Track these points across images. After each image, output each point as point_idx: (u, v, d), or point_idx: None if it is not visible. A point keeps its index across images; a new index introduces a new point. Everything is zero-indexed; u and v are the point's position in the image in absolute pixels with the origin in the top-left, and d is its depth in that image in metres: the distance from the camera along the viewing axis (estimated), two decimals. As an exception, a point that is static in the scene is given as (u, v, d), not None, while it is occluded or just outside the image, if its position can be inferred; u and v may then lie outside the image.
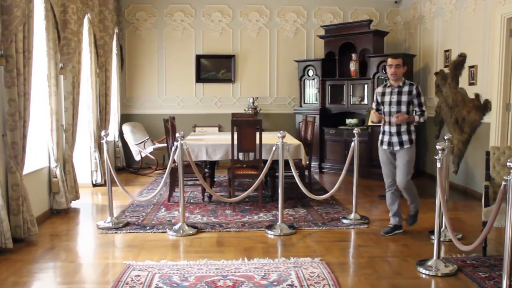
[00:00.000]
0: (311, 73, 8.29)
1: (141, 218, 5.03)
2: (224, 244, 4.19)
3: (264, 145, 5.33)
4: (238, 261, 3.70)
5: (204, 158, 5.56)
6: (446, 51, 6.94)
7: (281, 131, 4.66)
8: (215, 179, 6.86)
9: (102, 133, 4.94)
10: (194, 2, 8.51)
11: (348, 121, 8.01)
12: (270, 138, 5.63)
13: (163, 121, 6.09)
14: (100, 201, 5.96)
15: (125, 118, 8.45)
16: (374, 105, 4.63)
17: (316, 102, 8.28)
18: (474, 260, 3.76)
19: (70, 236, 4.51)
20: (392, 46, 8.52)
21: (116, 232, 4.54)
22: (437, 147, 3.55)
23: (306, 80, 8.42)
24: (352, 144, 5.02)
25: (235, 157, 5.35)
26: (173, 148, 4.63)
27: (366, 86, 7.76)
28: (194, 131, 8.30)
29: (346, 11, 8.72)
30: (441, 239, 3.93)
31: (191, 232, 4.48)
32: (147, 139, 8.05)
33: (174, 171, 5.41)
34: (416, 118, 4.37)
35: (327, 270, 3.51)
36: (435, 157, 3.57)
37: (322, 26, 8.37)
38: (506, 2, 5.41)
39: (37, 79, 4.86)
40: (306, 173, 6.05)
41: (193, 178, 5.79)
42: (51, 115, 5.03)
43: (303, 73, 8.39)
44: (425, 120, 4.51)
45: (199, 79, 8.64)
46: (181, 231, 4.48)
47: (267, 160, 4.75)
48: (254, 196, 5.67)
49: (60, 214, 5.19)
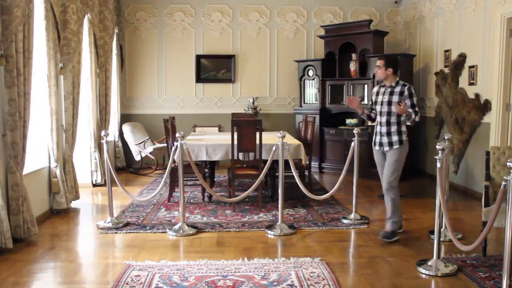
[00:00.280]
0: (311, 73, 8.29)
1: (141, 218, 5.03)
2: (224, 244, 4.19)
3: (264, 145, 5.33)
4: (238, 261, 3.70)
5: (204, 158, 5.56)
6: (446, 51, 6.94)
7: (281, 131, 4.66)
8: (215, 179, 6.86)
9: (102, 133, 4.94)
10: (194, 2, 8.51)
11: (348, 121, 8.01)
12: (270, 138, 5.63)
13: (163, 121, 6.09)
14: (100, 201, 5.96)
15: (125, 118, 8.45)
16: (369, 104, 4.63)
17: (316, 102, 8.28)
18: (474, 260, 3.76)
19: (70, 236, 4.51)
20: (392, 46, 8.52)
21: (116, 232, 4.54)
22: (437, 147, 3.55)
23: (306, 80, 8.42)
24: (352, 144, 5.02)
25: (235, 157, 5.35)
26: (173, 148, 4.63)
27: (366, 86, 7.75)
28: (194, 131, 8.30)
29: (346, 11, 8.71)
30: (441, 239, 3.93)
31: (191, 232, 4.48)
32: (147, 139, 8.05)
33: (174, 171, 5.41)
34: (413, 115, 4.27)
35: (327, 270, 3.51)
36: (435, 157, 3.57)
37: (322, 26, 8.37)
38: (506, 2, 5.41)
39: (37, 79, 4.86)
40: (306, 173, 6.05)
41: (193, 178, 5.79)
42: (51, 115, 5.03)
43: (303, 73, 8.38)
44: (419, 120, 4.41)
45: (199, 79, 8.64)
46: (181, 231, 4.48)
47: (267, 160, 4.76)
48: (254, 196, 5.67)
49: (60, 214, 5.19)
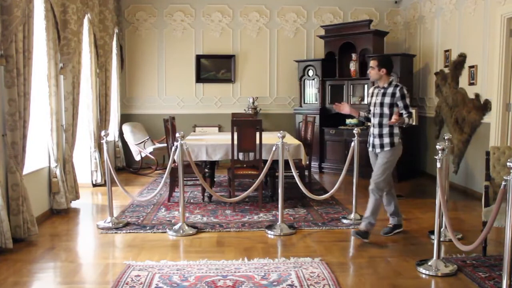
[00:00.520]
0: (311, 73, 8.29)
1: (141, 218, 5.03)
2: (224, 244, 4.19)
3: (264, 145, 5.33)
4: (238, 261, 3.70)
5: (204, 158, 5.56)
6: (446, 51, 6.94)
7: (281, 131, 4.67)
8: (215, 179, 6.86)
9: (102, 133, 4.94)
10: (194, 2, 8.51)
11: (348, 121, 8.00)
12: (270, 138, 5.64)
13: (163, 121, 6.09)
14: (100, 201, 5.96)
15: (125, 118, 8.45)
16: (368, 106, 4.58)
17: (316, 102, 8.28)
18: (474, 260, 3.76)
19: (70, 236, 4.51)
20: (392, 46, 8.52)
21: (116, 232, 4.54)
22: (437, 147, 3.56)
23: (306, 80, 8.42)
24: (352, 144, 5.03)
25: (235, 157, 5.35)
26: (173, 148, 4.63)
27: (366, 86, 7.75)
28: (194, 131, 8.30)
29: (346, 11, 8.71)
30: (441, 239, 3.93)
31: (191, 232, 4.48)
32: (147, 139, 8.05)
33: (174, 171, 5.41)
34: (406, 120, 4.21)
35: (327, 270, 3.51)
36: (435, 157, 3.57)
37: (322, 26, 8.37)
38: (506, 2, 5.41)
39: (37, 79, 4.86)
40: (306, 173, 6.04)
41: (193, 178, 5.79)
42: (51, 115, 5.03)
43: (303, 73, 8.38)
44: (418, 120, 4.40)
45: (199, 79, 8.64)
46: (181, 231, 4.48)
47: (267, 160, 4.76)
48: (254, 196, 5.67)
49: (60, 214, 5.19)
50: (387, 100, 4.24)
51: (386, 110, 4.24)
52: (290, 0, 8.63)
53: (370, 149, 4.44)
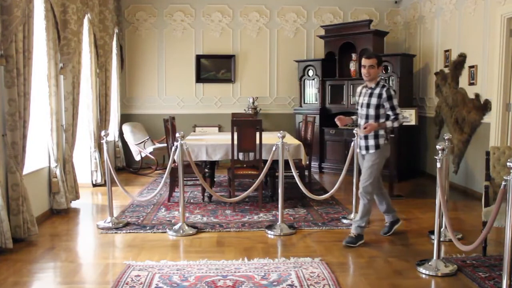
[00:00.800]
0: (311, 73, 8.29)
1: (141, 218, 5.03)
2: (224, 244, 4.19)
3: (264, 145, 5.33)
4: (238, 261, 3.70)
5: (204, 158, 5.56)
6: (446, 51, 6.94)
7: (281, 131, 4.67)
8: (215, 179, 6.86)
9: (102, 133, 4.95)
10: (194, 2, 8.51)
11: (348, 121, 7.99)
12: (270, 138, 5.63)
13: (163, 121, 6.09)
14: (100, 201, 5.96)
15: (125, 118, 8.45)
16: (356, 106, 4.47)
17: (316, 102, 8.28)
18: (474, 260, 3.76)
19: (70, 236, 4.51)
20: (392, 46, 8.52)
21: (116, 232, 4.54)
22: (437, 147, 3.56)
23: (306, 80, 8.42)
24: (352, 144, 5.02)
25: (235, 157, 5.35)
26: (173, 148, 4.63)
27: (366, 86, 7.74)
28: (194, 131, 8.30)
29: (346, 11, 8.71)
30: (441, 239, 3.93)
31: (191, 232, 4.48)
32: (147, 139, 8.05)
33: (174, 171, 5.41)
34: (388, 124, 4.08)
35: (327, 270, 3.51)
36: (435, 157, 3.57)
37: (322, 26, 8.37)
38: (506, 2, 5.41)
39: (37, 79, 4.86)
40: (306, 173, 6.04)
41: (193, 178, 5.79)
42: (51, 115, 5.03)
43: (303, 73, 8.38)
44: (401, 124, 4.21)
45: (199, 79, 8.64)
46: (181, 231, 4.48)
47: (267, 160, 4.76)
48: (254, 196, 5.67)
49: (60, 214, 5.19)
50: (374, 101, 4.12)
51: (372, 112, 4.13)
52: (290, 0, 8.63)
53: (358, 150, 4.40)
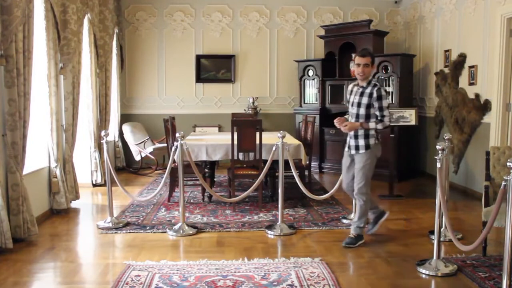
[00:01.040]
0: (311, 73, 8.29)
1: (141, 218, 5.03)
2: (224, 244, 4.19)
3: (264, 145, 5.33)
4: (238, 261, 3.70)
5: (204, 158, 5.56)
6: (446, 51, 6.94)
7: (281, 131, 4.67)
8: (215, 179, 6.86)
9: (102, 133, 4.95)
10: (194, 2, 8.51)
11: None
12: (270, 138, 5.63)
13: (163, 121, 6.09)
14: (100, 201, 5.96)
15: (125, 118, 8.45)
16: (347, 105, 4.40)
17: (316, 102, 8.28)
18: (474, 260, 3.76)
19: (70, 236, 4.51)
20: (392, 46, 8.52)
21: (116, 232, 4.54)
22: (437, 147, 3.56)
23: (306, 80, 8.42)
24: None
25: (235, 157, 5.35)
26: (173, 148, 4.63)
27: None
28: (194, 131, 8.30)
29: (346, 11, 8.71)
30: (441, 239, 3.92)
31: (191, 232, 4.48)
32: (147, 139, 8.05)
33: (174, 171, 5.41)
34: (371, 125, 4.04)
35: (327, 270, 3.51)
36: (435, 157, 3.57)
37: (322, 26, 8.37)
38: (506, 2, 5.41)
39: (37, 79, 4.86)
40: (306, 173, 6.04)
41: (193, 178, 5.79)
42: (51, 115, 5.03)
43: (303, 73, 8.38)
44: (386, 127, 4.13)
45: (199, 79, 8.64)
46: (181, 231, 4.48)
47: (267, 160, 4.76)
48: (254, 196, 5.67)
49: (60, 214, 5.19)
50: (364, 101, 4.07)
51: (363, 111, 4.09)
52: (290, 0, 8.63)
53: (346, 150, 4.29)
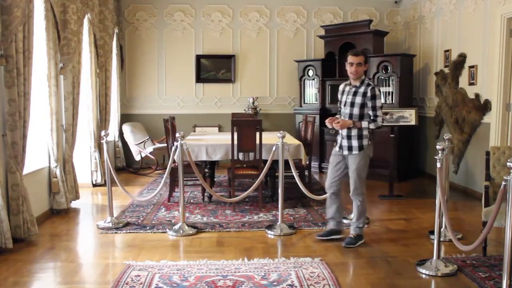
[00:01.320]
0: (311, 73, 8.29)
1: (141, 218, 5.03)
2: (224, 244, 4.19)
3: (264, 145, 5.33)
4: (238, 261, 3.70)
5: (204, 158, 5.56)
6: (446, 51, 6.94)
7: (281, 131, 4.67)
8: (215, 179, 6.86)
9: (102, 133, 4.95)
10: (194, 2, 8.51)
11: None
12: (270, 138, 5.63)
13: (163, 121, 6.09)
14: (100, 201, 5.96)
15: (125, 118, 8.45)
16: (339, 104, 4.35)
17: (316, 102, 8.28)
18: (474, 260, 3.76)
19: (70, 236, 4.51)
20: (392, 46, 8.52)
21: (116, 232, 4.53)
22: (437, 147, 3.56)
23: (306, 80, 8.42)
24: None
25: (235, 157, 5.35)
26: (173, 148, 4.63)
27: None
28: (194, 131, 8.30)
29: (346, 11, 8.71)
30: (441, 239, 3.92)
31: (191, 232, 4.48)
32: (147, 139, 8.05)
33: (174, 171, 5.41)
34: (364, 124, 4.00)
35: (327, 270, 3.51)
36: (435, 157, 3.57)
37: (322, 26, 8.37)
38: (506, 2, 5.41)
39: (37, 79, 4.86)
40: (306, 173, 6.04)
41: (193, 178, 5.79)
42: (51, 115, 5.03)
43: (303, 73, 8.38)
44: (379, 127, 4.08)
45: (199, 79, 8.64)
46: (181, 231, 4.48)
47: (267, 160, 4.76)
48: (254, 196, 5.67)
49: (60, 214, 5.19)
50: (358, 100, 4.03)
51: (356, 111, 4.04)
52: (290, 0, 8.63)
53: (337, 149, 4.22)
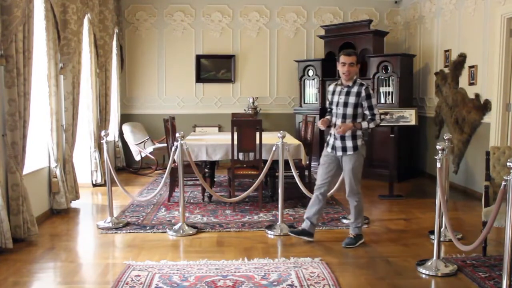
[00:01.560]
0: (311, 73, 8.29)
1: (141, 218, 5.03)
2: (224, 244, 4.19)
3: (264, 145, 5.33)
4: (238, 261, 3.70)
5: (204, 158, 5.56)
6: (446, 51, 6.94)
7: (281, 131, 4.67)
8: (215, 179, 6.86)
9: (102, 133, 4.95)
10: (194, 2, 8.51)
11: (348, 121, 7.99)
12: (270, 138, 5.63)
13: (163, 121, 6.09)
14: (100, 201, 5.96)
15: (125, 118, 8.45)
16: (328, 105, 4.34)
17: (316, 102, 8.27)
18: (474, 260, 3.76)
19: (70, 236, 4.51)
20: (392, 46, 8.52)
21: (116, 232, 4.54)
22: (437, 147, 3.56)
23: (306, 80, 8.42)
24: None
25: (235, 157, 5.35)
26: (173, 148, 4.63)
27: (366, 86, 7.74)
28: (194, 131, 8.30)
29: (346, 11, 8.71)
30: (441, 239, 3.92)
31: (191, 232, 4.48)
32: (147, 139, 8.05)
33: (174, 171, 5.41)
34: (364, 125, 3.99)
35: (327, 270, 3.51)
36: (435, 157, 3.57)
37: (322, 26, 8.37)
38: (506, 2, 5.41)
39: (37, 79, 4.86)
40: (306, 173, 6.04)
41: (193, 178, 5.79)
42: (51, 115, 5.03)
43: (303, 73, 8.38)
44: (378, 125, 4.09)
45: (199, 79, 8.64)
46: (181, 231, 4.48)
47: (267, 160, 4.76)
48: (254, 196, 5.67)
49: (60, 214, 5.19)
50: (352, 100, 4.01)
51: (350, 111, 4.01)
52: (290, 0, 8.63)
53: (329, 150, 4.16)
